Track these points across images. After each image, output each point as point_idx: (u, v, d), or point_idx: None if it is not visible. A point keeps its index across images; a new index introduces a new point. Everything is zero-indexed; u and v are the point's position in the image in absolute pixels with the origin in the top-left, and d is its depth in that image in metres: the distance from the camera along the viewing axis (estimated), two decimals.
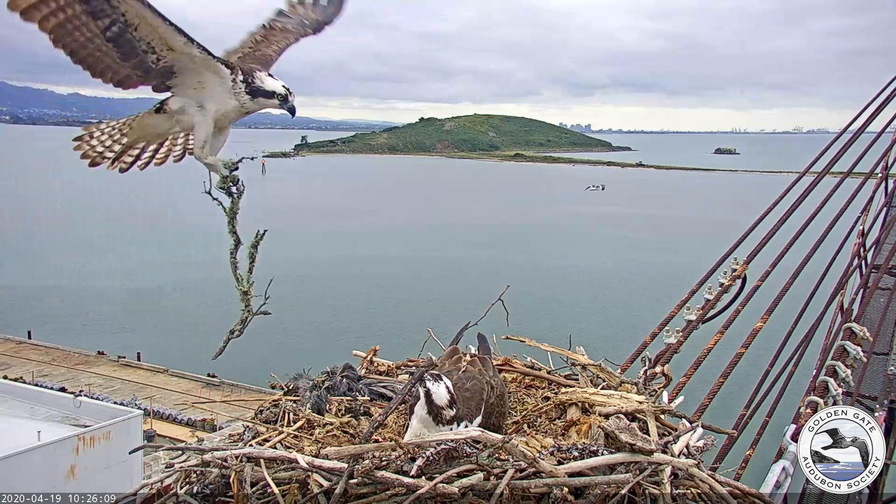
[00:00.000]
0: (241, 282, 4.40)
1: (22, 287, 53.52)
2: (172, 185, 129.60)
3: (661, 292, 35.38)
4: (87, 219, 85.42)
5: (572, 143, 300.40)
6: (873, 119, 12.71)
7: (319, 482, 3.20)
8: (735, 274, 8.34)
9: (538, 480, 3.16)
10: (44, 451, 16.55)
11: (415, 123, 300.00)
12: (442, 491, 3.06)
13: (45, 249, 66.85)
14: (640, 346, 6.91)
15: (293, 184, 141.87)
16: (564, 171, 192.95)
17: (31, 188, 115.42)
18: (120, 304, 51.15)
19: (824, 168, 11.37)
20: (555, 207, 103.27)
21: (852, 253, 10.59)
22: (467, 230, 78.96)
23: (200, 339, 44.56)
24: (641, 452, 3.40)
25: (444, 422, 3.52)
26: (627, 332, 33.56)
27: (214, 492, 3.52)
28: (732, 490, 3.51)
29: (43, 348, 42.29)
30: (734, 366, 7.09)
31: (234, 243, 4.35)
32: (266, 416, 4.26)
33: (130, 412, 19.91)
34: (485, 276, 52.24)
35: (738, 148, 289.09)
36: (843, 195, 10.90)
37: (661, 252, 65.85)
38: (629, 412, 3.92)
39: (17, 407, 20.25)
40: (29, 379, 34.54)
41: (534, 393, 4.66)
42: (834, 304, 9.69)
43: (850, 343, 7.64)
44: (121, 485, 15.39)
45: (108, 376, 38.45)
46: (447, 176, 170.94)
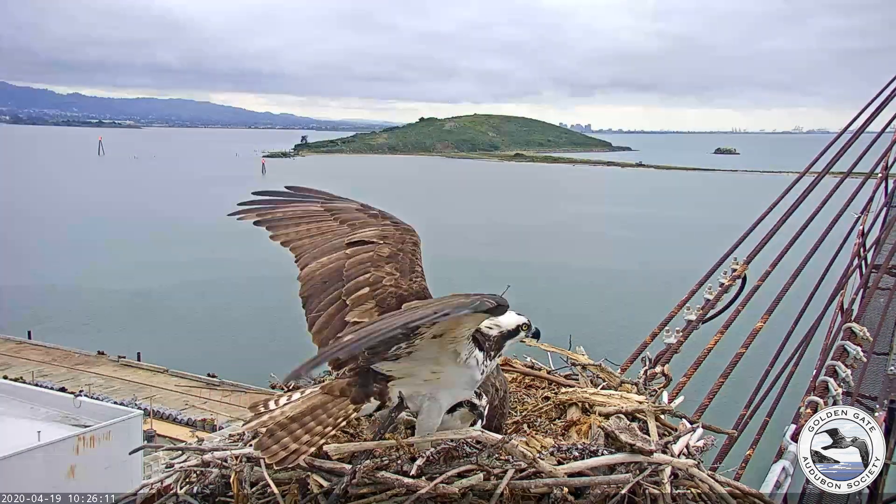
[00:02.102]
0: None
1: (22, 287, 53.53)
2: (172, 185, 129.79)
3: (661, 292, 35.34)
4: (87, 219, 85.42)
5: (572, 143, 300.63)
6: (873, 119, 12.71)
7: (319, 482, 3.21)
8: (735, 274, 8.34)
9: (538, 480, 3.16)
10: (44, 451, 16.56)
11: (415, 123, 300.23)
12: (442, 491, 3.06)
13: (45, 249, 66.89)
14: (640, 346, 6.91)
15: (294, 184, 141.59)
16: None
17: (31, 188, 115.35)
18: (120, 304, 51.17)
19: (824, 168, 11.36)
20: (555, 207, 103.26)
21: (852, 253, 10.58)
22: (467, 230, 78.93)
23: (200, 339, 44.64)
24: (641, 452, 3.41)
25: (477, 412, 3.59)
26: (627, 332, 33.54)
27: (214, 492, 3.53)
28: (732, 490, 3.52)
29: (43, 348, 42.31)
30: (734, 366, 7.09)
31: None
32: None
33: (130, 412, 19.91)
34: (485, 276, 52.22)
35: (738, 148, 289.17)
36: (843, 195, 10.90)
37: (661, 252, 65.86)
38: (629, 412, 3.92)
39: (17, 407, 20.24)
40: (29, 379, 34.55)
41: (534, 393, 4.66)
42: (834, 304, 9.68)
43: (850, 343, 7.63)
44: (121, 485, 15.35)
45: (108, 376, 38.47)
46: (447, 176, 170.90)
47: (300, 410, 3.24)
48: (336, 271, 4.08)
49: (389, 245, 4.21)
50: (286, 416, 3.20)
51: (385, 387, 3.36)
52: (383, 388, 3.35)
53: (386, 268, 4.05)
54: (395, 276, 4.00)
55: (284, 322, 40.51)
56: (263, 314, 46.86)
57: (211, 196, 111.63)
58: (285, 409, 3.27)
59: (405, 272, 4.05)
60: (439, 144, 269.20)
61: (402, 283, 3.95)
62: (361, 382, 3.36)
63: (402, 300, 3.82)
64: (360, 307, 3.82)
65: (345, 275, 4.04)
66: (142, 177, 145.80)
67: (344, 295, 3.92)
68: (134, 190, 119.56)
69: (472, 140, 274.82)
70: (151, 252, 66.21)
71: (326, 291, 3.98)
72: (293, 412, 3.23)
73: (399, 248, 4.20)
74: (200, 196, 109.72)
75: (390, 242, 4.23)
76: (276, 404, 3.34)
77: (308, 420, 3.20)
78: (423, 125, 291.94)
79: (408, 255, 4.18)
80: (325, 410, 3.26)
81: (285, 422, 3.17)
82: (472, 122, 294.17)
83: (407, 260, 4.13)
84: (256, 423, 3.22)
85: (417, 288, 3.95)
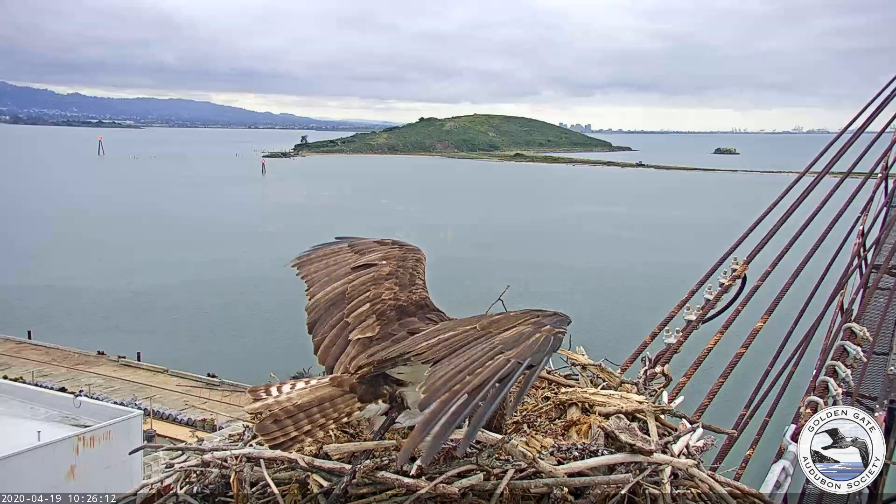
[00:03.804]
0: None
1: (22, 287, 53.53)
2: (172, 185, 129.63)
3: (661, 292, 35.37)
4: (87, 219, 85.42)
5: (572, 143, 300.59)
6: (873, 119, 12.70)
7: (319, 482, 3.21)
8: (735, 274, 8.33)
9: (538, 480, 3.16)
10: (44, 451, 16.57)
11: (415, 123, 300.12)
12: (442, 491, 3.06)
13: (45, 249, 66.88)
14: (640, 346, 6.90)
15: (293, 184, 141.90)
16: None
17: (32, 188, 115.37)
18: (120, 304, 51.17)
19: (824, 168, 11.35)
20: (555, 207, 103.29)
21: (852, 253, 10.57)
22: (467, 230, 78.94)
23: (200, 339, 44.64)
24: (641, 452, 3.40)
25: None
26: (627, 332, 33.55)
27: (214, 492, 3.52)
28: (732, 490, 3.51)
29: (43, 348, 42.31)
30: (734, 366, 7.09)
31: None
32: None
33: (130, 412, 19.93)
34: (485, 276, 52.22)
35: (738, 148, 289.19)
36: (843, 195, 10.89)
37: (661, 252, 65.88)
38: (629, 412, 3.92)
39: (17, 407, 20.27)
40: (29, 379, 34.57)
41: (534, 393, 4.66)
42: (834, 304, 9.68)
43: (850, 343, 7.63)
44: (121, 485, 15.36)
45: (108, 376, 38.46)
46: (447, 176, 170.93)
47: (307, 400, 3.24)
48: (340, 294, 4.20)
49: (391, 264, 4.31)
50: (293, 404, 3.20)
51: (395, 390, 3.34)
52: (393, 391, 3.35)
53: (386, 284, 4.14)
54: (395, 290, 4.06)
55: (284, 322, 40.56)
56: (263, 314, 46.90)
57: (211, 196, 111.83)
58: (292, 396, 3.26)
59: (405, 286, 4.11)
60: (439, 144, 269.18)
61: (401, 296, 4.01)
62: (372, 382, 3.33)
63: (402, 311, 3.89)
64: (361, 324, 3.89)
65: (347, 296, 4.15)
66: (142, 177, 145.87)
67: (346, 315, 4.00)
68: (134, 190, 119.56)
69: (472, 140, 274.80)
70: (151, 252, 66.25)
71: (330, 314, 4.08)
72: (300, 400, 3.23)
73: (400, 266, 4.29)
74: (200, 196, 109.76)
75: (392, 262, 4.34)
76: (280, 391, 3.35)
77: (314, 411, 3.20)
78: (423, 125, 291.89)
79: (408, 270, 4.25)
80: (333, 404, 3.26)
81: (292, 409, 3.18)
82: (472, 122, 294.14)
83: (407, 275, 4.20)
84: (261, 405, 3.22)
85: (417, 298, 4.01)
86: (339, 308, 4.08)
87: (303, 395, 3.29)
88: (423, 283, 4.20)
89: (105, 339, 43.70)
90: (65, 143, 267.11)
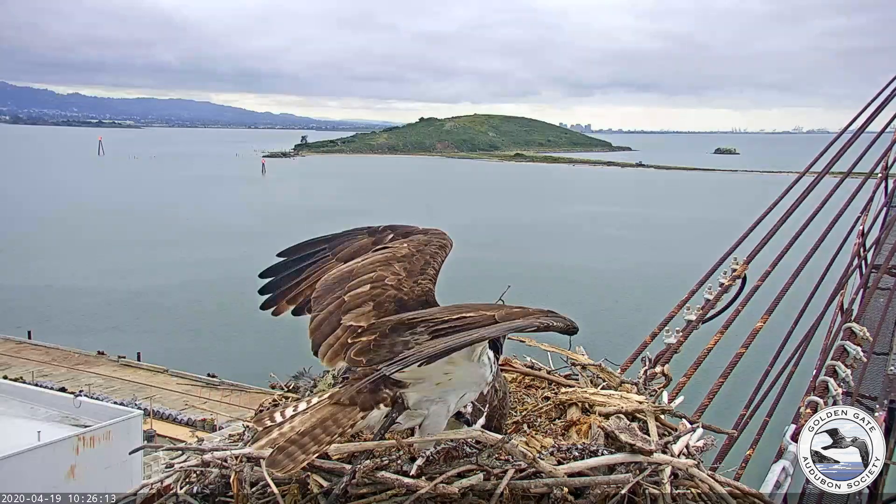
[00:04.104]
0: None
1: (22, 287, 53.52)
2: (172, 185, 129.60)
3: (661, 292, 35.37)
4: (87, 219, 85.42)
5: (572, 143, 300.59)
6: (873, 119, 12.70)
7: (319, 482, 3.21)
8: (735, 274, 8.34)
9: (538, 480, 3.16)
10: (44, 451, 16.57)
11: (415, 123, 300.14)
12: (442, 491, 3.06)
13: (45, 249, 66.88)
14: (640, 346, 6.90)
15: (293, 184, 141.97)
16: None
17: (32, 188, 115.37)
18: (120, 304, 51.16)
19: (824, 168, 11.36)
20: (555, 207, 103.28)
21: (852, 253, 10.58)
22: (467, 230, 78.95)
23: (200, 339, 44.65)
24: (641, 452, 3.40)
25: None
26: (627, 332, 33.57)
27: (214, 492, 3.52)
28: (732, 490, 3.52)
29: (43, 348, 42.30)
30: (734, 366, 7.09)
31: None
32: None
33: (130, 412, 19.93)
34: (485, 276, 52.22)
35: (738, 148, 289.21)
36: (843, 195, 10.89)
37: (661, 252, 65.86)
38: (629, 412, 3.92)
39: (17, 407, 20.27)
40: (29, 379, 34.55)
41: (534, 393, 4.66)
42: (834, 304, 9.68)
43: (850, 343, 7.64)
44: (121, 485, 15.37)
45: (108, 376, 38.45)
46: (447, 176, 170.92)
47: (310, 424, 3.18)
48: (348, 272, 4.02)
49: (410, 247, 4.13)
50: (296, 433, 3.15)
51: (395, 392, 3.28)
52: (394, 393, 3.28)
53: (395, 267, 3.95)
54: (400, 277, 3.88)
55: (284, 322, 40.44)
56: (263, 314, 46.60)
57: (211, 196, 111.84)
58: (294, 425, 3.20)
59: (413, 273, 3.94)
60: (439, 144, 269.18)
61: (403, 286, 3.84)
62: (371, 388, 3.26)
63: (401, 305, 3.73)
64: (356, 309, 3.72)
65: (353, 274, 3.97)
66: (142, 177, 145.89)
67: (345, 292, 3.83)
68: (134, 190, 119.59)
69: (472, 140, 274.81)
70: (151, 252, 66.24)
71: (332, 291, 3.91)
72: (303, 427, 3.17)
73: (418, 250, 4.10)
74: (201, 196, 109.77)
75: (412, 245, 4.15)
76: (283, 416, 3.28)
77: (318, 433, 3.14)
78: (423, 125, 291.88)
79: (425, 256, 4.07)
80: (335, 421, 3.20)
81: (296, 437, 3.12)
82: (472, 122, 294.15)
83: (422, 261, 4.02)
84: (266, 440, 3.17)
85: (419, 291, 3.84)
86: (342, 285, 3.91)
87: (305, 420, 3.22)
88: (436, 272, 4.02)
89: (105, 339, 43.69)
90: (65, 143, 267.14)
